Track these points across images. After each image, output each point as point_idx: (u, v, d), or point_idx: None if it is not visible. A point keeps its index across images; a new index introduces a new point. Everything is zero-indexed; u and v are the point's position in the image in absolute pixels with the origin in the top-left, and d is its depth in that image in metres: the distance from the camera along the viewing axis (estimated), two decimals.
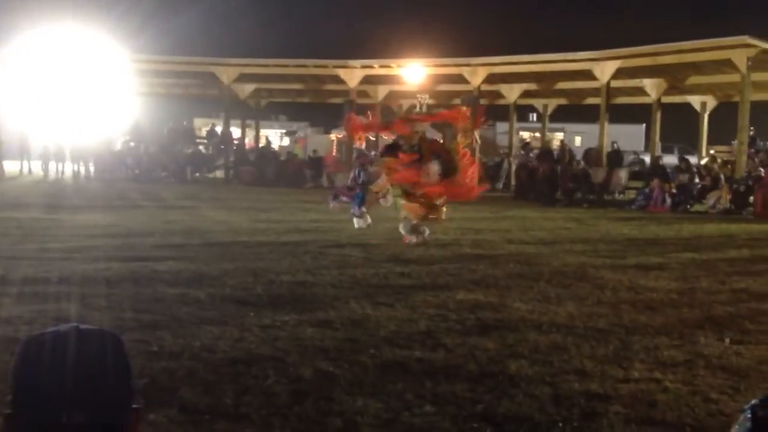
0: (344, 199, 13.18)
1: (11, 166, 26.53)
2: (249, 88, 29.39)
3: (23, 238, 10.55)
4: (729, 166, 20.89)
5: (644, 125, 40.07)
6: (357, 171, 12.99)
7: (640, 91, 25.83)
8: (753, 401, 1.38)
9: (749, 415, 1.36)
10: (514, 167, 26.06)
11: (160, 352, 5.16)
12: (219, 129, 30.78)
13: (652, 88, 24.95)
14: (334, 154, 30.97)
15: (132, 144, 28.19)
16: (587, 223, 15.36)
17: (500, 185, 27.21)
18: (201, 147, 30.80)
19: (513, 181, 25.51)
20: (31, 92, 24.99)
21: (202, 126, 42.26)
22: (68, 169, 26.29)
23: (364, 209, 12.57)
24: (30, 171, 26.90)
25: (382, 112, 11.88)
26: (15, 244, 10.03)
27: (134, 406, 1.52)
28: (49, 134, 26.45)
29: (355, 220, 12.56)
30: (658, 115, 25.44)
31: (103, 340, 1.50)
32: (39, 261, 8.71)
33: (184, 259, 9.05)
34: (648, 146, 31.13)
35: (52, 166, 26.21)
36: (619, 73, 22.61)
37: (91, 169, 26.10)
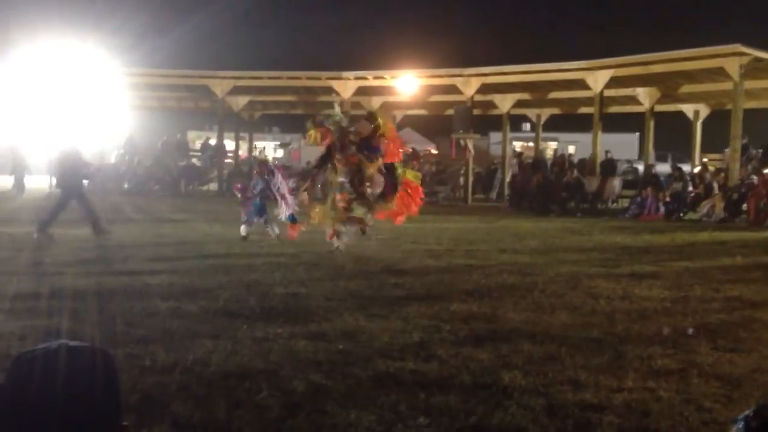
0: (239, 195, 13.26)
1: (4, 181, 26.44)
2: (242, 100, 29.44)
3: (16, 253, 10.52)
4: (722, 174, 20.95)
5: (638, 134, 40.22)
6: (257, 180, 12.99)
7: (633, 100, 25.94)
8: (746, 412, 1.37)
9: (742, 426, 1.35)
10: (508, 177, 26.11)
11: (152, 367, 5.13)
12: (213, 142, 30.78)
13: (645, 96, 25.06)
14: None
15: (126, 157, 28.16)
16: (581, 232, 15.38)
17: (494, 195, 27.26)
18: (195, 160, 30.80)
19: (506, 191, 25.56)
20: (24, 106, 24.96)
21: (195, 139, 42.28)
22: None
23: (256, 220, 12.73)
24: (22, 187, 26.80)
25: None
26: (7, 258, 9.99)
27: (123, 423, 1.51)
28: (43, 148, 26.38)
29: (242, 227, 12.68)
30: (651, 124, 25.55)
31: (92, 358, 1.49)
32: (31, 275, 8.68)
33: (177, 273, 9.03)
34: (641, 155, 31.23)
35: (42, 180, 26.12)
36: (612, 83, 22.70)
37: (85, 182, 26.03)
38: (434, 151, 38.53)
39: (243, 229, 12.65)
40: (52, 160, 25.87)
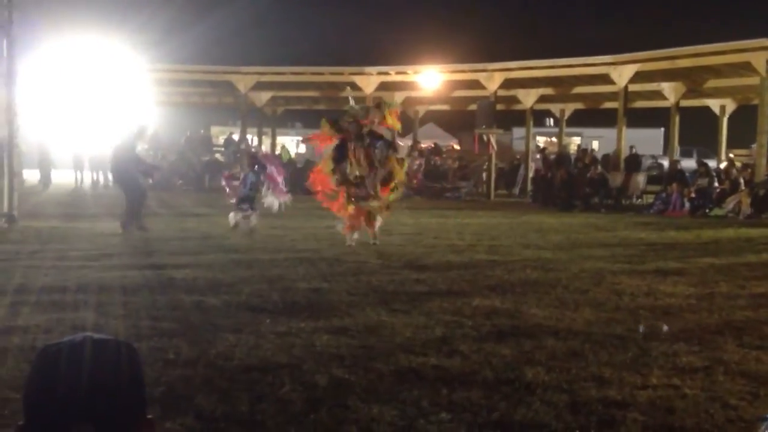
0: (227, 189, 13.29)
1: (31, 176, 26.74)
2: (265, 96, 29.54)
3: (42, 247, 10.63)
4: (749, 170, 20.70)
5: (662, 129, 39.86)
6: (248, 174, 13.07)
7: (659, 94, 25.70)
8: None
9: None
10: (531, 173, 25.99)
11: (176, 360, 5.17)
12: (236, 137, 30.92)
13: (670, 91, 24.82)
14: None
15: (150, 153, 28.33)
16: (605, 228, 15.27)
17: (516, 191, 27.14)
18: (218, 155, 30.95)
19: (529, 187, 25.44)
20: (51, 102, 25.21)
21: (219, 134, 42.47)
22: (87, 177, 26.46)
23: (245, 208, 12.76)
24: (48, 181, 27.12)
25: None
26: (34, 252, 10.10)
27: (148, 416, 1.51)
28: (68, 143, 26.66)
29: (231, 216, 12.76)
30: (677, 119, 25.29)
31: (117, 350, 1.50)
32: (57, 269, 8.77)
33: (201, 267, 9.09)
34: (666, 150, 30.94)
35: (71, 175, 26.41)
36: (636, 77, 22.50)
37: (110, 177, 26.26)
38: (457, 147, 38.44)
39: (233, 217, 12.68)
40: (78, 155, 26.17)
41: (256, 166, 13.04)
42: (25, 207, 14.71)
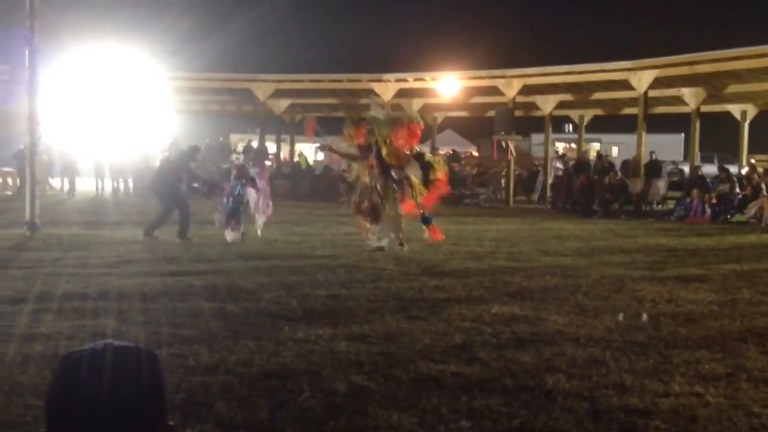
0: (218, 207, 12.96)
1: (54, 183, 26.99)
2: (284, 103, 29.65)
3: (63, 254, 10.71)
4: None
5: (683, 135, 39.58)
6: (234, 185, 12.79)
7: (679, 100, 25.51)
8: None
9: None
10: (550, 179, 25.88)
11: (196, 367, 5.18)
12: (255, 144, 31.05)
13: (690, 97, 24.62)
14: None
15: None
16: (625, 234, 15.17)
17: (536, 197, 27.03)
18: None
19: (548, 193, 25.34)
20: (72, 110, 25.46)
21: (238, 141, 42.66)
22: (108, 185, 26.66)
23: (234, 222, 12.47)
24: (73, 192, 27.36)
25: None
26: (55, 259, 10.18)
27: (169, 423, 1.51)
28: (90, 151, 26.88)
29: (226, 234, 12.40)
30: (697, 125, 25.09)
31: (137, 358, 1.50)
32: (78, 276, 8.83)
33: (220, 274, 9.12)
34: (687, 156, 30.72)
35: (92, 183, 26.61)
36: (656, 83, 22.35)
37: (131, 185, 26.45)
38: (475, 153, 38.37)
39: (227, 235, 12.37)
40: (100, 163, 26.38)
41: (244, 179, 12.82)
42: (47, 215, 14.83)
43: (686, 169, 27.80)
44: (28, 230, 13.31)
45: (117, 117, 26.06)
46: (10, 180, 26.09)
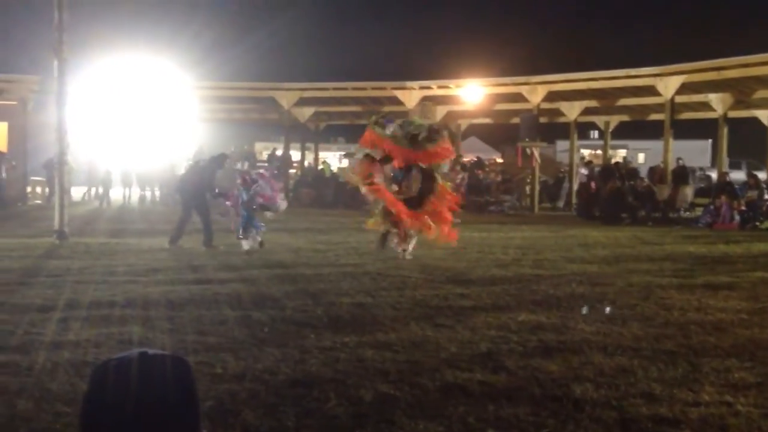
0: (231, 222, 12.70)
1: (79, 192, 27.28)
2: (308, 111, 29.76)
3: (92, 262, 10.82)
4: None
5: (710, 141, 39.19)
6: (240, 191, 12.60)
7: (706, 106, 25.28)
8: None
9: None
10: (576, 186, 25.73)
11: (223, 375, 5.21)
12: (279, 152, 31.21)
13: (717, 102, 24.39)
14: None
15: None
16: (652, 241, 15.03)
17: (561, 204, 26.89)
18: (262, 170, 31.22)
19: (574, 200, 25.19)
20: (100, 120, 25.75)
21: (262, 150, 42.92)
22: (135, 194, 26.92)
23: (250, 230, 12.34)
24: (98, 195, 27.64)
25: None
26: (84, 267, 10.29)
27: (202, 431, 1.52)
28: (116, 160, 27.16)
29: (243, 242, 12.31)
30: (725, 131, 24.84)
31: (168, 366, 1.51)
32: (106, 284, 8.91)
33: (245, 282, 9.16)
34: (714, 162, 30.41)
35: (119, 192, 26.88)
36: (683, 89, 22.16)
37: (157, 193, 26.68)
38: (499, 160, 38.26)
39: (244, 244, 12.29)
40: (127, 172, 26.64)
41: (245, 185, 12.66)
42: (76, 224, 14.99)
43: (714, 175, 27.52)
44: (57, 239, 13.46)
45: (143, 126, 26.31)
46: (39, 189, 26.41)
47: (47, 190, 24.37)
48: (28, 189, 25.95)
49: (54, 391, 4.80)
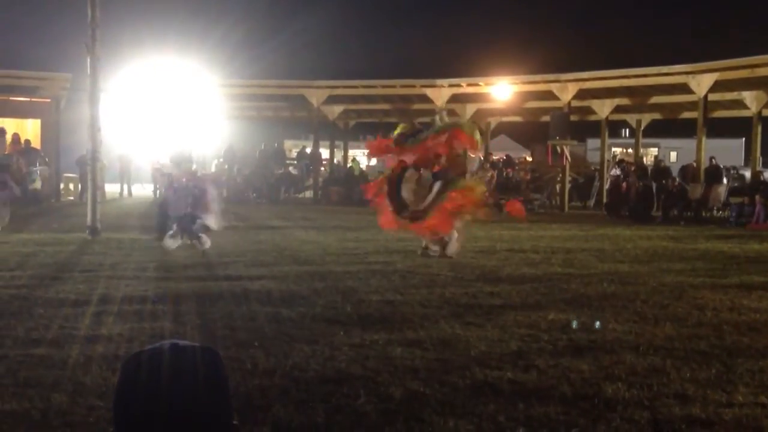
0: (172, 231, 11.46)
1: (112, 189, 27.60)
2: (337, 109, 29.81)
3: (124, 258, 10.93)
4: None
5: (743, 139, 38.66)
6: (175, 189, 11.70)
7: (740, 104, 24.92)
8: None
9: None
10: (607, 184, 25.50)
11: (253, 371, 5.23)
12: (309, 150, 31.31)
13: (751, 100, 24.03)
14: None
15: (226, 166, 28.94)
16: (684, 241, 14.85)
17: (591, 203, 26.67)
18: (291, 168, 31.38)
19: (605, 199, 24.97)
20: (132, 118, 26.03)
21: (292, 147, 43.07)
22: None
23: (172, 232, 11.38)
24: (130, 193, 27.94)
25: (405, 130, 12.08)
26: (116, 263, 10.40)
27: (234, 422, 1.52)
28: (148, 157, 27.43)
29: (168, 240, 11.40)
30: (759, 129, 24.46)
31: (201, 357, 1.51)
32: (138, 280, 9.00)
33: (276, 279, 9.20)
34: (748, 161, 29.97)
35: (149, 188, 27.16)
36: (716, 86, 21.86)
37: None
38: (529, 158, 38.06)
39: (169, 242, 11.35)
40: (158, 169, 26.89)
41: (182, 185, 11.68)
42: (108, 220, 15.14)
43: (747, 174, 27.13)
44: (89, 234, 13.62)
45: (174, 124, 26.54)
46: (72, 186, 26.75)
47: (80, 186, 24.66)
48: (61, 185, 26.28)
49: (87, 384, 4.86)
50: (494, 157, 30.41)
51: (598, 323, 6.89)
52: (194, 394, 1.46)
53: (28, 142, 25.11)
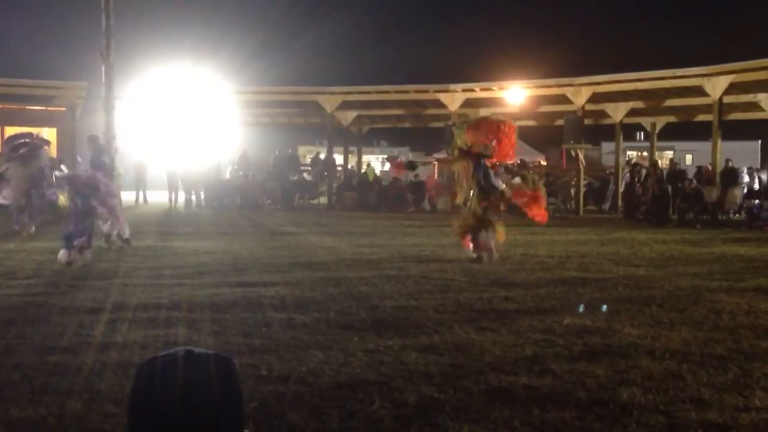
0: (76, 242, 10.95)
1: (128, 196, 27.76)
2: (351, 115, 29.87)
3: (139, 265, 10.98)
4: None
5: (759, 141, 38.38)
6: (75, 197, 11.29)
7: (755, 106, 24.76)
8: None
9: None
10: (621, 188, 25.38)
11: (268, 377, 5.24)
12: (323, 156, 31.37)
13: (767, 103, 23.88)
14: (435, 177, 31.02)
15: (240, 173, 29.05)
16: (701, 244, 14.76)
17: (606, 206, 26.56)
18: (305, 174, 31.46)
19: (620, 202, 24.85)
20: (147, 126, 26.20)
21: (306, 153, 43.17)
22: (181, 197, 27.29)
23: (83, 240, 10.99)
24: (145, 200, 28.07)
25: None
26: (130, 270, 10.45)
27: (245, 430, 1.52)
28: (163, 165, 27.59)
29: (62, 252, 10.81)
30: None
31: (215, 364, 1.52)
32: (153, 287, 9.04)
33: (290, 285, 9.21)
34: (764, 163, 29.75)
35: (166, 195, 27.29)
36: (731, 89, 21.74)
37: (202, 197, 27.01)
38: (543, 162, 37.94)
39: (64, 255, 10.74)
40: (173, 176, 27.04)
41: (78, 191, 11.33)
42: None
43: (764, 177, 26.94)
44: (105, 242, 13.68)
45: (189, 131, 26.68)
46: None
47: None
48: None
49: (103, 391, 4.87)
50: (509, 162, 30.31)
51: (604, 306, 6.89)
52: (207, 401, 1.47)
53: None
